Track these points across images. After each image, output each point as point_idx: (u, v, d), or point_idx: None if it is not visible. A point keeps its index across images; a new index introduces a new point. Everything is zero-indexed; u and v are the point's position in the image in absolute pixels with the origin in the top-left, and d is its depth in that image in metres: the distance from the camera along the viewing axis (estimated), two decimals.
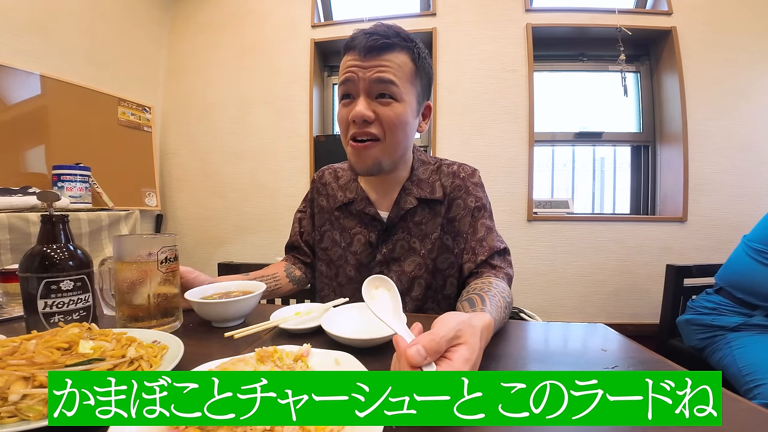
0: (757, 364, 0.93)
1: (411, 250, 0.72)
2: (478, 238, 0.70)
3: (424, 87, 0.67)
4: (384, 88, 0.61)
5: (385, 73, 0.60)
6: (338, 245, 0.77)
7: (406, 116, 0.63)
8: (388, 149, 0.64)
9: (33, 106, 1.60)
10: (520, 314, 0.77)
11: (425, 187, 0.73)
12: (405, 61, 0.62)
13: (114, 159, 1.95)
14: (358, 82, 0.61)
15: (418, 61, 0.64)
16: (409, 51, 0.63)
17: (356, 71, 0.61)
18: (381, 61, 0.60)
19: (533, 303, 1.99)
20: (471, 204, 0.72)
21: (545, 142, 2.19)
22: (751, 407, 0.35)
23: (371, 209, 0.73)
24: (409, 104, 0.64)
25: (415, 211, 0.72)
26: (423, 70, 0.66)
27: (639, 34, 1.98)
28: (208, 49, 2.35)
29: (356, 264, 0.74)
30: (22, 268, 0.47)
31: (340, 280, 0.77)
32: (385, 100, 0.61)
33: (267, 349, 0.37)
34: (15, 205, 1.20)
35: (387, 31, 0.61)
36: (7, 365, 0.32)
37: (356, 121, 0.61)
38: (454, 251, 0.72)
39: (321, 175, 0.85)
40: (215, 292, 0.63)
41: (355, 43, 0.61)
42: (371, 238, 0.73)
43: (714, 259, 1.25)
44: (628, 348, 0.51)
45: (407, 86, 0.63)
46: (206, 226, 2.34)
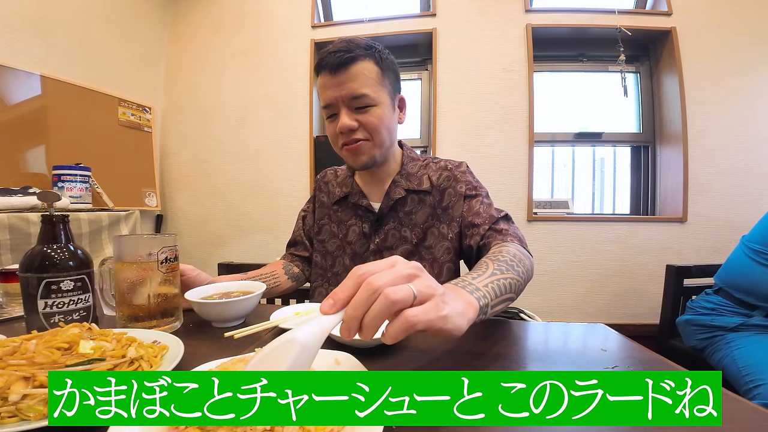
0: (757, 364, 0.94)
1: (402, 238, 0.77)
2: (475, 211, 0.74)
3: (392, 83, 0.74)
4: (359, 102, 0.69)
5: (356, 88, 0.68)
6: (336, 237, 0.83)
7: (384, 116, 0.71)
8: (376, 145, 0.73)
9: (33, 106, 1.60)
10: (520, 314, 0.77)
11: (413, 180, 0.79)
12: (370, 68, 0.69)
13: (114, 159, 1.95)
14: (338, 101, 0.69)
15: (382, 63, 0.71)
16: (371, 57, 0.70)
17: (332, 93, 0.69)
18: (349, 75, 0.68)
19: (533, 303, 1.99)
20: (461, 190, 0.77)
21: (545, 142, 2.19)
22: (751, 407, 0.35)
23: (364, 201, 0.80)
24: (384, 104, 0.71)
25: (405, 201, 0.78)
26: (388, 69, 0.73)
27: (639, 34, 1.99)
28: (208, 49, 2.35)
29: (351, 254, 0.80)
30: (22, 268, 0.47)
31: (336, 270, 0.82)
32: (363, 109, 0.70)
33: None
34: (15, 205, 1.20)
35: (348, 45, 0.68)
36: (7, 365, 0.32)
37: (343, 132, 0.70)
38: (448, 236, 0.76)
39: (324, 175, 0.92)
40: (215, 292, 0.63)
41: (324, 63, 0.69)
42: (365, 229, 0.80)
43: (714, 260, 1.25)
44: (628, 348, 0.50)
45: (377, 89, 0.70)
46: (206, 226, 2.34)
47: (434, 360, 0.45)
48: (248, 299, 0.57)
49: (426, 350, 0.48)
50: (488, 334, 0.54)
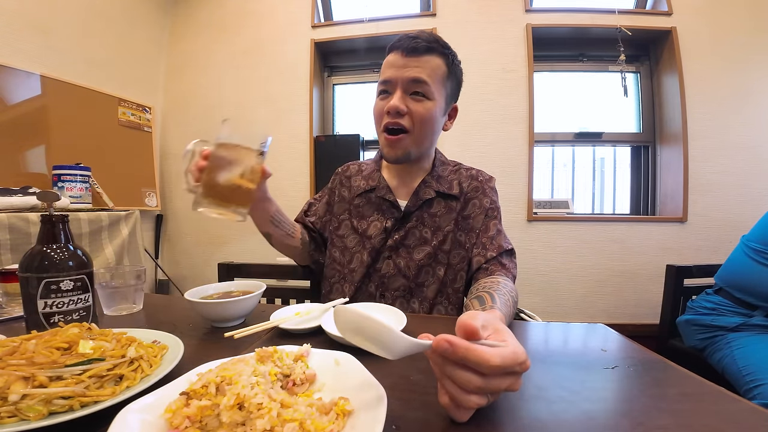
0: (757, 364, 0.93)
1: (422, 239, 0.77)
2: (489, 235, 0.75)
3: (453, 90, 0.76)
4: (417, 87, 0.69)
5: (420, 73, 0.68)
6: (356, 232, 0.81)
7: (434, 113, 0.71)
8: (416, 140, 0.72)
9: (33, 106, 1.60)
10: (520, 314, 0.78)
11: (444, 183, 0.79)
12: (439, 65, 0.70)
13: (114, 159, 1.95)
14: (397, 80, 0.69)
15: (452, 66, 0.73)
16: (444, 56, 0.71)
17: (396, 73, 0.69)
18: (419, 61, 0.68)
19: (533, 303, 1.99)
20: (486, 204, 0.78)
21: (545, 142, 2.19)
22: (751, 407, 0.35)
23: (391, 196, 0.79)
24: (438, 103, 0.71)
25: (432, 203, 0.78)
26: (454, 75, 0.74)
27: (639, 34, 1.98)
28: (208, 49, 2.35)
29: (370, 249, 0.78)
30: (22, 268, 0.47)
31: (352, 266, 0.79)
32: (417, 97, 0.69)
33: (267, 349, 0.37)
34: (15, 205, 1.20)
35: (429, 37, 0.70)
36: (7, 365, 0.32)
37: (390, 112, 0.69)
38: (465, 246, 0.77)
39: (346, 168, 0.90)
40: (215, 292, 0.63)
41: (400, 44, 0.70)
42: (387, 224, 0.78)
43: (714, 260, 1.25)
44: (628, 348, 0.50)
45: (438, 87, 0.71)
46: (206, 226, 2.34)
47: None
48: (248, 299, 0.57)
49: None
50: None
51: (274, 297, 1.02)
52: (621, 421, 0.33)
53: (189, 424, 0.28)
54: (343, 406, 0.31)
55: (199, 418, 0.28)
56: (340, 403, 0.31)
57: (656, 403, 0.35)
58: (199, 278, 2.29)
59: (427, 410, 0.34)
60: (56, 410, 0.30)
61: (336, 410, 0.31)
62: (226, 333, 0.49)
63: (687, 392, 0.38)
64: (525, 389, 0.39)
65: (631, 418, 0.33)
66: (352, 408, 0.31)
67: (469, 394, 0.30)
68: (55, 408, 0.30)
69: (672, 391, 0.38)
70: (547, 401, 0.36)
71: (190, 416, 0.28)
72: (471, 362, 0.29)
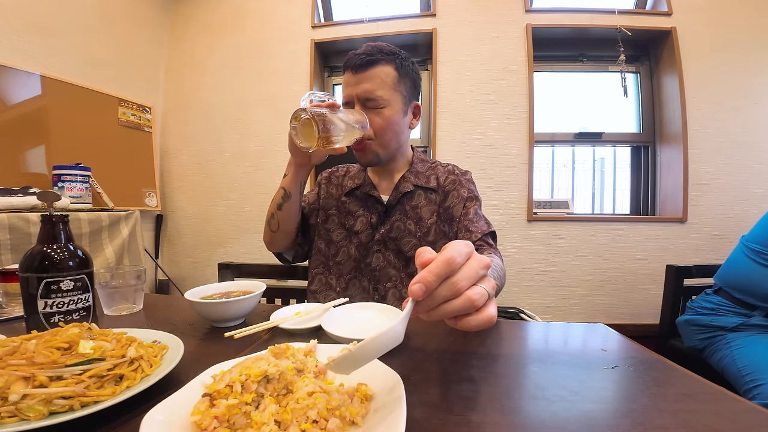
0: (757, 364, 0.94)
1: (407, 231, 0.82)
2: (470, 218, 0.81)
3: (409, 90, 0.80)
4: (371, 102, 0.75)
5: (370, 87, 0.74)
6: (342, 227, 0.87)
7: (392, 118, 0.77)
8: (381, 145, 0.79)
9: (33, 106, 1.60)
10: (520, 314, 0.78)
11: (421, 177, 0.86)
12: (388, 72, 0.76)
13: (114, 159, 1.95)
14: (352, 97, 0.76)
15: (401, 69, 0.77)
16: (391, 62, 0.76)
17: (350, 91, 0.76)
18: (367, 75, 0.75)
19: (533, 303, 1.99)
20: (464, 194, 0.84)
21: (545, 142, 2.19)
22: (751, 407, 0.35)
23: (375, 192, 0.85)
24: (395, 107, 0.77)
25: (413, 195, 0.84)
26: (407, 76, 0.79)
27: (639, 34, 1.98)
28: (208, 49, 2.35)
29: (357, 243, 0.84)
30: (22, 268, 0.47)
31: (338, 260, 0.85)
32: (374, 109, 0.75)
33: (280, 346, 0.38)
34: (15, 205, 1.20)
35: (372, 50, 0.75)
36: (7, 365, 0.32)
37: None
38: (449, 235, 0.82)
39: (335, 169, 0.97)
40: (215, 292, 0.63)
41: (349, 62, 0.76)
42: (372, 219, 0.84)
43: (714, 260, 1.25)
44: (628, 348, 0.51)
45: (391, 93, 0.76)
46: (206, 226, 2.34)
47: (434, 360, 0.45)
48: (248, 299, 0.57)
49: (426, 351, 0.48)
50: (489, 335, 0.54)
51: (274, 297, 1.02)
52: (621, 421, 0.33)
53: (217, 425, 0.28)
54: (364, 391, 0.33)
55: (227, 418, 0.28)
56: (362, 388, 0.33)
57: (656, 403, 0.35)
58: (199, 278, 2.29)
59: (427, 410, 0.34)
60: (56, 410, 0.30)
61: (358, 395, 0.32)
62: (226, 333, 0.49)
63: (687, 392, 0.38)
64: (525, 389, 0.39)
65: (631, 418, 0.33)
66: (373, 392, 0.33)
67: (463, 294, 0.31)
68: (56, 408, 0.30)
69: (672, 391, 0.38)
70: (547, 401, 0.36)
71: (218, 416, 0.28)
72: (436, 271, 0.31)
